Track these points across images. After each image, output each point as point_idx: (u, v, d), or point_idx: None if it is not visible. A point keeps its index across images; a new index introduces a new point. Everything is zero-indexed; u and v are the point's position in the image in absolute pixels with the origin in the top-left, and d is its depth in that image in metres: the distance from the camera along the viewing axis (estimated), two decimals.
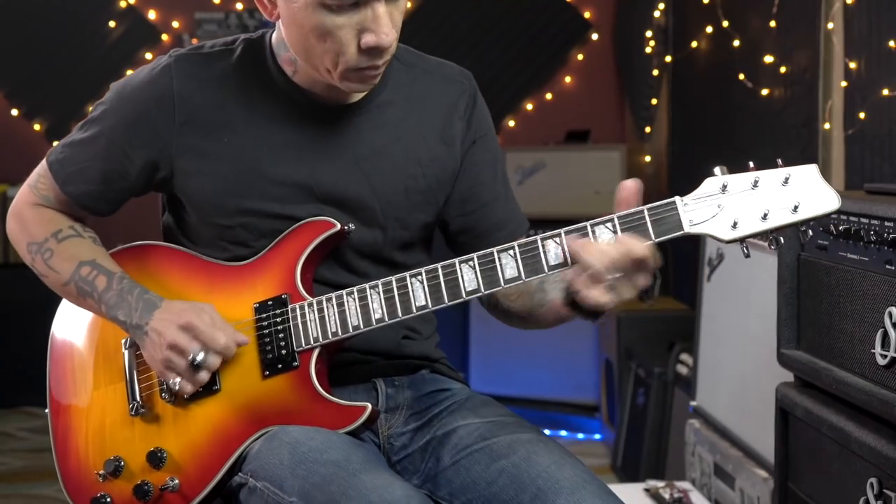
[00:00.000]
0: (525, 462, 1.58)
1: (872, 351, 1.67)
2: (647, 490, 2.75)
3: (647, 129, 5.04)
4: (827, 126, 3.10)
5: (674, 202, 1.46)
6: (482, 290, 1.53)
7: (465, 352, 4.67)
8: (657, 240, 1.46)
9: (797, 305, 1.97)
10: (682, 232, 1.46)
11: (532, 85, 5.53)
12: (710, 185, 1.46)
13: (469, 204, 1.78)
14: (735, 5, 3.96)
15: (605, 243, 1.45)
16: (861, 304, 1.72)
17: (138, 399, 1.69)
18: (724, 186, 1.45)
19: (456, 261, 1.54)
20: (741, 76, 3.80)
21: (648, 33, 4.86)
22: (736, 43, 3.90)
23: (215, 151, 1.65)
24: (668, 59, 4.77)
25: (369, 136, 1.69)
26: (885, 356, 1.64)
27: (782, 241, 1.46)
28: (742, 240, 1.45)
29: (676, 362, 3.40)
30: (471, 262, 1.54)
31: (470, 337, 4.64)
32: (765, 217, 1.43)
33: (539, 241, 1.51)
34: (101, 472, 1.68)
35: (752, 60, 3.73)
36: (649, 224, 1.46)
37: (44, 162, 1.76)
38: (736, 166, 1.48)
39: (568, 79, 5.57)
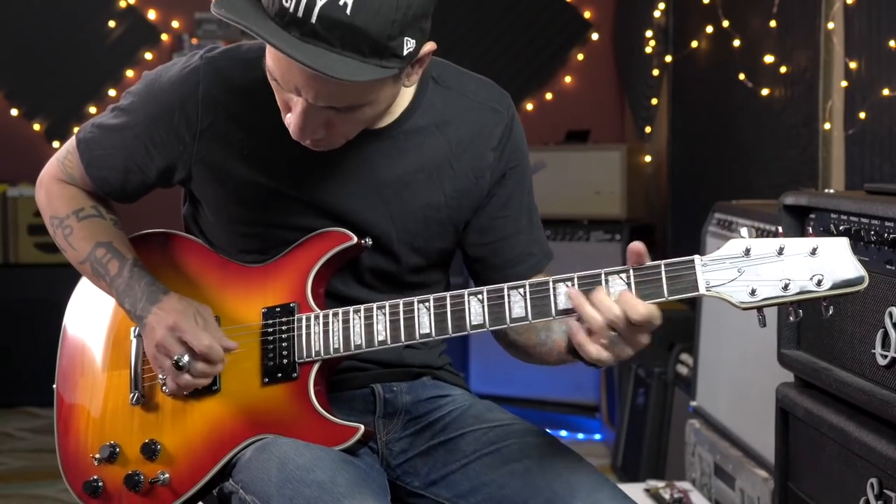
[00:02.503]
0: (538, 466, 1.58)
1: (872, 351, 1.67)
2: (647, 490, 2.76)
3: (647, 129, 5.04)
4: (827, 126, 3.10)
5: (692, 261, 1.41)
6: (487, 326, 1.49)
7: (465, 352, 4.67)
8: (669, 297, 1.42)
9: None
10: (696, 293, 1.41)
11: (532, 85, 5.53)
12: (733, 246, 1.40)
13: (489, 234, 1.72)
14: (735, 5, 3.96)
15: (608, 299, 1.40)
16: (861, 304, 1.72)
17: (140, 389, 1.70)
18: (748, 250, 1.38)
19: (465, 292, 1.51)
20: (741, 76, 3.80)
21: (648, 33, 4.86)
22: (736, 43, 3.90)
23: (234, 162, 1.63)
24: (668, 59, 4.77)
25: (393, 163, 1.64)
26: (886, 356, 1.64)
27: (801, 313, 1.41)
28: (759, 308, 1.40)
29: (676, 362, 3.40)
30: (479, 296, 1.50)
31: (470, 337, 4.64)
32: (786, 287, 1.36)
33: (550, 284, 1.46)
34: (98, 456, 1.69)
35: (752, 60, 3.73)
36: (664, 280, 1.41)
37: (73, 138, 1.76)
38: (736, 166, 1.47)
39: (568, 79, 5.57)
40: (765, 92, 3.62)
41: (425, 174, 1.65)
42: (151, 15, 5.42)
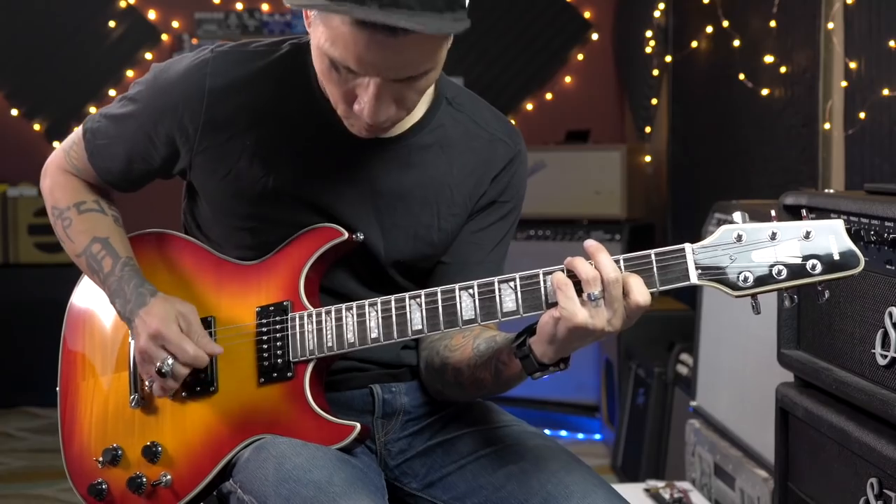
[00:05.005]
0: (533, 467, 1.58)
1: (872, 351, 1.67)
2: (647, 490, 2.75)
3: (647, 129, 5.04)
4: (827, 126, 3.10)
5: (683, 250, 1.38)
6: (479, 320, 1.47)
7: None
8: (661, 288, 1.38)
9: (797, 305, 1.96)
10: (688, 283, 1.37)
11: (532, 85, 5.53)
12: (724, 233, 1.37)
13: (453, 254, 1.69)
14: (735, 5, 3.97)
15: (609, 259, 1.38)
16: (861, 304, 1.72)
17: (139, 391, 1.70)
18: (740, 237, 1.36)
19: (455, 287, 1.49)
20: (741, 76, 3.80)
21: (648, 33, 4.86)
22: (736, 43, 3.90)
23: (235, 154, 1.63)
24: (668, 59, 4.77)
25: (392, 175, 1.63)
26: (886, 356, 1.64)
27: (796, 299, 1.39)
28: (753, 296, 1.37)
29: (676, 362, 3.39)
30: (470, 291, 1.48)
31: None
32: (779, 273, 1.34)
33: (541, 275, 1.44)
34: (100, 459, 1.70)
35: (752, 60, 3.73)
36: (655, 271, 1.38)
37: (80, 128, 1.77)
38: (736, 166, 1.46)
39: (568, 79, 5.57)
40: (765, 92, 3.62)
41: (422, 192, 1.65)
42: (151, 15, 5.42)
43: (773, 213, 1.39)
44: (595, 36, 5.53)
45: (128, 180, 1.75)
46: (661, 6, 4.77)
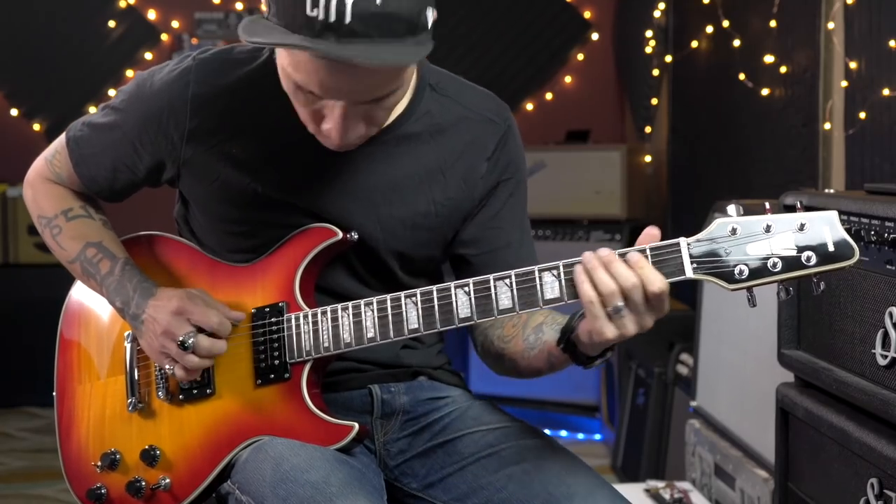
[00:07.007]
0: (535, 468, 1.58)
1: (873, 351, 1.67)
2: (647, 490, 2.75)
3: (647, 129, 5.04)
4: (827, 126, 3.10)
5: (678, 244, 1.39)
6: (475, 318, 1.48)
7: (465, 351, 4.66)
8: None
9: (797, 305, 1.97)
10: (684, 277, 1.38)
11: (532, 85, 5.53)
12: (719, 226, 1.38)
13: (480, 245, 1.70)
14: (735, 5, 3.96)
15: (623, 266, 1.38)
16: (861, 304, 1.72)
17: (136, 395, 1.70)
18: (734, 230, 1.36)
19: (451, 285, 1.49)
20: (741, 76, 3.80)
21: (648, 33, 4.86)
22: (736, 43, 3.89)
23: (222, 162, 1.63)
24: (668, 59, 4.77)
25: (383, 168, 1.63)
26: (886, 356, 1.64)
27: (792, 291, 1.39)
28: (749, 289, 1.38)
29: (676, 362, 3.39)
30: (466, 288, 1.48)
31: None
32: (775, 266, 1.34)
33: (536, 273, 1.45)
34: (99, 463, 1.70)
35: (752, 60, 3.73)
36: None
37: (63, 137, 1.76)
38: (736, 166, 1.45)
39: (568, 79, 5.57)
40: (765, 92, 3.62)
41: (415, 180, 1.64)
42: (151, 15, 5.42)
43: (766, 205, 1.39)
44: (595, 36, 5.53)
45: (113, 190, 1.74)
46: (661, 6, 4.76)
